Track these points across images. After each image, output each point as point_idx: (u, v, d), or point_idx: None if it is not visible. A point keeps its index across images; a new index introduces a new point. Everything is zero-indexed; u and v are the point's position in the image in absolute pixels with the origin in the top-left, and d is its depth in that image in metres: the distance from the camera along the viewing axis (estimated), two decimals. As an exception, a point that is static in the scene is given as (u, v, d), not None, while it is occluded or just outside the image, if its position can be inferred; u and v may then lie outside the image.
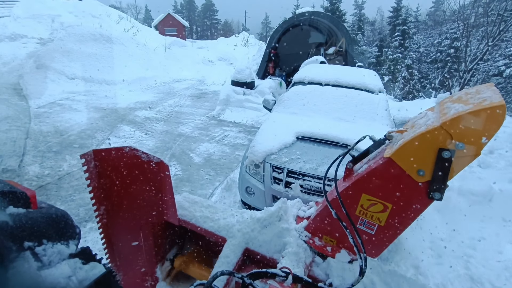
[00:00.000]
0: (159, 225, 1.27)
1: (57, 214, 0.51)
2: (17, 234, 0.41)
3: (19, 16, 12.44)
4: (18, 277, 0.38)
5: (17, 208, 0.47)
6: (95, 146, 4.18)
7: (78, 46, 9.77)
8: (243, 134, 5.49)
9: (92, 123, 5.15)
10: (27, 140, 4.01)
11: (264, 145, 2.56)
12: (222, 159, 4.24)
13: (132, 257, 1.24)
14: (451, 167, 0.77)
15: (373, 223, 0.99)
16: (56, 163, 3.54)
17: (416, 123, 0.90)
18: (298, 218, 1.29)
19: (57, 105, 5.91)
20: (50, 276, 0.41)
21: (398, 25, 25.95)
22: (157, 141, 4.67)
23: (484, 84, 0.84)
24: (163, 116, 6.20)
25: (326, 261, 1.11)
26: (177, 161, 4.00)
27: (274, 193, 2.44)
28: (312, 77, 3.52)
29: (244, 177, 2.61)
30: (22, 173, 3.19)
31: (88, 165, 1.01)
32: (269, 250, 1.15)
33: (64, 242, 0.48)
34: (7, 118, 4.75)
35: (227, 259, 1.12)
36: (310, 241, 1.15)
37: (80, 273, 0.45)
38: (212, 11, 64.23)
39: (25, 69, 7.75)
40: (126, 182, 1.11)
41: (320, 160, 2.38)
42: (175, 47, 16.54)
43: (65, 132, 4.54)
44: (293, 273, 0.87)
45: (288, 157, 2.44)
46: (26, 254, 0.41)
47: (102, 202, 1.09)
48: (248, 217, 1.27)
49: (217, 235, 1.24)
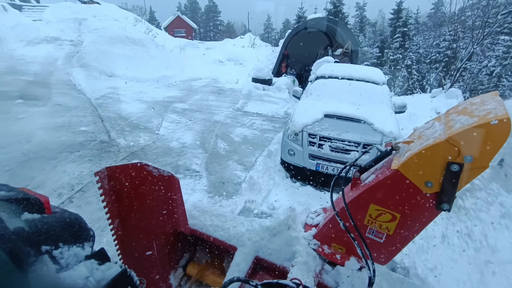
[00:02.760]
0: (171, 235, 1.32)
1: (71, 218, 0.53)
2: (34, 239, 0.43)
3: (50, 20, 13.55)
4: (38, 280, 0.39)
5: (32, 214, 0.48)
6: (155, 128, 5.24)
7: (109, 47, 10.83)
8: (267, 122, 6.54)
9: (143, 111, 6.21)
10: (104, 123, 5.08)
11: (301, 120, 3.61)
12: (256, 139, 5.29)
13: (146, 266, 1.28)
14: (459, 179, 0.78)
15: (382, 232, 1.00)
16: (134, 138, 4.60)
17: (423, 134, 0.90)
18: (306, 225, 1.34)
19: (108, 98, 6.97)
20: (69, 278, 0.43)
21: (399, 27, 26.98)
22: (201, 126, 5.73)
23: (489, 93, 0.86)
24: (196, 108, 7.25)
25: (336, 269, 1.13)
26: (222, 140, 5.05)
27: (310, 152, 3.49)
28: (330, 72, 4.58)
29: (287, 143, 3.66)
30: (115, 144, 4.25)
31: (102, 182, 1.05)
32: (279, 258, 1.18)
33: (80, 245, 0.50)
34: (77, 107, 5.82)
35: (238, 267, 1.15)
36: (319, 249, 1.17)
37: (97, 274, 0.47)
38: (215, 13, 65.20)
39: (71, 68, 8.83)
40: (139, 195, 1.16)
41: (342, 129, 3.43)
42: (189, 48, 17.62)
43: (127, 118, 5.60)
44: (303, 284, 0.89)
45: (319, 127, 3.49)
46: (44, 257, 0.42)
47: (117, 216, 1.14)
48: (258, 226, 1.30)
49: (228, 244, 1.27)
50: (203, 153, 4.38)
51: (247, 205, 3.11)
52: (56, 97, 6.26)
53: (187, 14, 62.91)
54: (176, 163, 3.95)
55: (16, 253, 0.37)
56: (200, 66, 16.04)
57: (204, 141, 4.90)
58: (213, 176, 3.71)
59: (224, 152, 4.54)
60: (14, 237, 0.39)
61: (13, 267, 0.36)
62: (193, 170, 3.80)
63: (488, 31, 8.44)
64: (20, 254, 0.37)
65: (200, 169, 3.85)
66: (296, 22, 26.13)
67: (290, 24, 43.86)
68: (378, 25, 39.64)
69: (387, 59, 22.76)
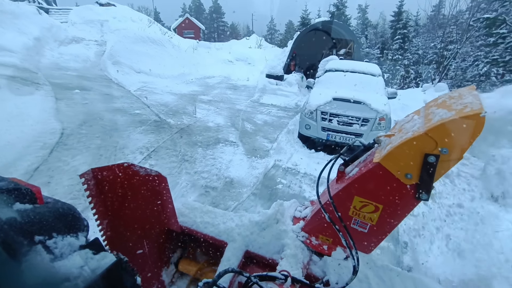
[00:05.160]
0: (161, 233, 1.34)
1: (64, 208, 0.52)
2: (26, 229, 0.42)
3: (75, 22, 14.72)
4: (33, 270, 0.38)
5: (24, 204, 0.48)
6: (192, 112, 6.35)
7: (134, 46, 11.98)
8: (281, 111, 7.65)
9: (177, 101, 7.32)
10: (151, 108, 6.20)
11: (315, 102, 4.72)
12: (274, 123, 6.40)
13: (137, 264, 1.28)
14: (436, 170, 0.83)
15: (366, 223, 1.06)
16: (179, 119, 5.72)
17: (403, 128, 0.95)
18: (295, 218, 1.37)
19: (143, 90, 8.09)
20: (64, 267, 0.42)
21: (399, 29, 28.07)
22: (227, 112, 6.84)
23: (466, 87, 0.91)
24: (219, 99, 8.36)
25: (323, 259, 1.19)
26: (247, 122, 6.16)
27: (322, 126, 4.59)
28: (337, 67, 5.71)
29: (304, 119, 4.77)
30: (166, 123, 5.36)
31: (87, 184, 1.06)
32: (269, 252, 1.23)
33: (74, 235, 0.49)
34: (123, 96, 6.94)
35: (229, 262, 1.19)
36: (307, 241, 1.23)
37: (92, 263, 0.47)
38: (219, 14, 66.35)
39: (104, 65, 9.97)
40: (127, 196, 1.17)
41: (346, 108, 4.53)
42: (201, 48, 18.79)
43: (166, 105, 6.72)
44: (292, 275, 0.93)
45: (329, 107, 4.60)
46: (38, 247, 0.42)
47: (105, 217, 1.15)
48: (247, 221, 1.34)
49: (218, 240, 1.30)
50: (235, 131, 5.49)
51: (276, 162, 4.21)
52: (102, 88, 7.38)
53: (192, 15, 64.25)
54: (217, 136, 5.06)
55: (9, 243, 0.37)
56: (212, 65, 17.15)
57: (234, 122, 6.02)
58: (247, 145, 4.81)
59: (251, 130, 5.65)
60: (7, 227, 0.39)
61: (6, 257, 0.36)
62: (231, 141, 4.91)
63: (468, 35, 9.59)
64: (13, 244, 0.38)
65: (236, 141, 4.96)
66: (300, 24, 27.23)
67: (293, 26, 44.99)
68: (380, 27, 40.70)
69: (386, 59, 23.90)
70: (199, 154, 4.27)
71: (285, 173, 3.96)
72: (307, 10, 31.16)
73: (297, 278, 0.97)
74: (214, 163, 4.06)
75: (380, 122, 4.37)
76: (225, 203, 3.16)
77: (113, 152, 3.98)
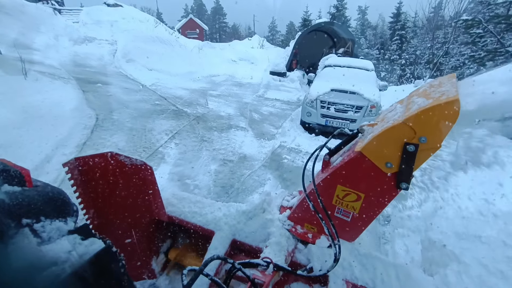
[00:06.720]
0: (149, 222, 1.36)
1: (54, 192, 0.52)
2: (14, 211, 0.42)
3: (86, 22, 15.46)
4: (19, 252, 0.38)
5: (12, 186, 0.47)
6: (205, 104, 7.05)
7: (145, 45, 12.69)
8: (285, 104, 8.35)
9: (189, 95, 8.02)
10: (168, 99, 6.89)
11: (315, 93, 5.41)
12: (279, 114, 7.09)
13: (127, 253, 1.29)
14: (415, 159, 0.84)
15: (349, 211, 1.08)
16: (194, 109, 6.41)
17: (386, 117, 0.97)
18: (282, 208, 1.42)
19: (158, 85, 8.79)
20: (51, 251, 0.42)
21: (398, 30, 28.79)
22: (236, 104, 7.53)
23: (447, 75, 0.93)
24: (227, 94, 9.06)
25: (308, 247, 1.22)
26: (254, 112, 6.86)
27: (321, 113, 5.27)
28: (335, 63, 6.41)
29: (305, 108, 5.45)
30: (183, 112, 6.05)
31: (72, 173, 1.05)
32: (255, 240, 1.26)
33: (62, 219, 0.49)
34: (141, 90, 7.64)
35: (216, 250, 1.21)
36: (292, 229, 1.26)
37: (80, 248, 0.46)
38: (221, 15, 67.07)
39: (118, 63, 10.68)
40: (112, 185, 1.18)
41: (343, 98, 5.22)
42: (206, 48, 19.50)
43: (181, 98, 7.42)
44: (274, 262, 0.95)
45: (328, 97, 5.29)
46: (25, 230, 0.41)
47: (91, 206, 1.15)
48: (234, 210, 1.38)
49: (206, 229, 1.33)
50: (244, 119, 6.18)
51: (282, 143, 4.90)
52: (121, 83, 8.09)
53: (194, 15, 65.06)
54: (229, 123, 5.75)
55: None
56: (217, 64, 17.82)
57: (242, 112, 6.71)
58: (256, 131, 5.50)
59: (258, 119, 6.35)
60: None
61: None
62: (242, 127, 5.60)
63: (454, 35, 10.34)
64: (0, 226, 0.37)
65: (246, 127, 5.65)
66: (302, 25, 27.95)
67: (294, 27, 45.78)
68: (379, 28, 41.43)
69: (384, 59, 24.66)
70: (215, 136, 4.96)
71: (289, 152, 4.64)
72: (308, 11, 31.94)
73: (279, 264, 1.00)
74: (229, 143, 4.74)
75: (371, 109, 5.05)
76: (241, 171, 3.84)
77: (143, 133, 4.67)
